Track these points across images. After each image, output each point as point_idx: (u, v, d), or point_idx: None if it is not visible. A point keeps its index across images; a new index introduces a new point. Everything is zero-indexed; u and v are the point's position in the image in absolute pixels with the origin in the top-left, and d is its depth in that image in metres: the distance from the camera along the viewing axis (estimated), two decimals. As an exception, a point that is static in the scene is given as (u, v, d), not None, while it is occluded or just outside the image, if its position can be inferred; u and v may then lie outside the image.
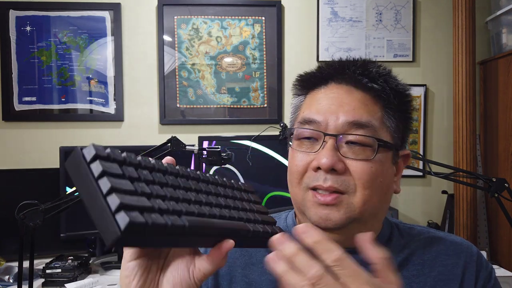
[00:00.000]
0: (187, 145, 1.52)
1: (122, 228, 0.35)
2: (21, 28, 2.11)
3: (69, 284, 1.49)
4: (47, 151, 2.08)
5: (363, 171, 0.62)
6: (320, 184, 0.61)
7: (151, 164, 0.46)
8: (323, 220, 0.62)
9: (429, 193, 2.25)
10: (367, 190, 0.62)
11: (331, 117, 0.63)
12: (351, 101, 0.64)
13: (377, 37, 2.22)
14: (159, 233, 0.39)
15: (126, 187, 0.39)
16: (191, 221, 0.42)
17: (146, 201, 0.40)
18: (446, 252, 0.69)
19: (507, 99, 1.97)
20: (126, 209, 0.37)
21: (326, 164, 0.60)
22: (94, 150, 0.39)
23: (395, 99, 0.65)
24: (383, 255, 0.46)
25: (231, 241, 0.46)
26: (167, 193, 0.44)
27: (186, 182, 0.48)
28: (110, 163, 0.40)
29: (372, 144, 0.62)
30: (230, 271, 0.69)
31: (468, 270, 0.68)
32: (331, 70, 0.67)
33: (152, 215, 0.39)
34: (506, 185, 1.43)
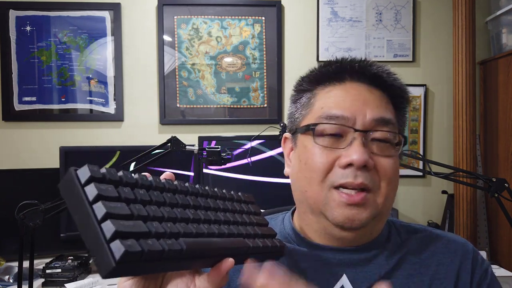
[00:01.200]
0: (187, 145, 1.52)
1: (117, 259, 0.34)
2: (21, 28, 2.11)
3: (69, 284, 1.49)
4: (47, 151, 2.08)
5: (388, 167, 0.62)
6: (350, 181, 0.60)
7: (148, 182, 0.44)
8: (349, 220, 0.61)
9: (429, 193, 2.25)
10: (389, 186, 0.63)
11: (358, 114, 0.62)
12: (373, 99, 0.64)
13: (377, 37, 2.22)
14: (156, 259, 0.37)
15: (121, 212, 0.37)
16: (188, 244, 0.40)
17: (142, 226, 0.38)
18: (442, 250, 0.69)
19: (507, 99, 1.97)
20: (122, 237, 0.35)
21: (359, 160, 0.59)
22: (89, 171, 0.38)
23: (403, 99, 0.68)
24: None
25: (231, 259, 0.45)
26: (164, 213, 0.42)
27: (184, 198, 0.47)
28: (105, 184, 0.39)
29: (392, 140, 0.64)
30: (230, 277, 0.68)
31: (464, 268, 0.68)
32: (347, 67, 0.67)
33: (148, 241, 0.37)
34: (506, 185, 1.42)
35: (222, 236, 0.46)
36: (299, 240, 0.70)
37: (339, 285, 0.65)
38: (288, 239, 0.71)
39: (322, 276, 0.65)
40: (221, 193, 0.54)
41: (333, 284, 0.65)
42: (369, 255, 0.66)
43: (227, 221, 0.50)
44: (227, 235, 0.47)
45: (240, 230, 0.50)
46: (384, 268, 0.66)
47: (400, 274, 0.66)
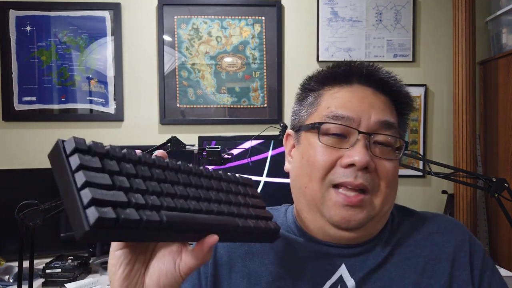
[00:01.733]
0: (187, 145, 1.52)
1: (91, 223, 0.35)
2: (21, 28, 2.11)
3: (69, 284, 1.49)
4: (47, 151, 2.05)
5: (389, 170, 0.64)
6: (350, 181, 0.61)
7: (136, 157, 0.45)
8: (345, 221, 0.62)
9: (429, 193, 2.25)
10: (388, 189, 0.64)
11: (363, 116, 0.64)
12: (379, 103, 0.66)
13: (377, 37, 2.22)
14: (133, 228, 0.39)
15: (102, 181, 0.39)
16: (170, 216, 0.42)
17: (122, 196, 0.39)
18: (438, 230, 0.70)
19: (507, 99, 1.97)
20: (98, 204, 0.37)
21: (362, 161, 0.61)
22: (74, 143, 0.40)
23: (407, 106, 0.70)
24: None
25: (215, 236, 0.46)
26: (149, 187, 0.43)
27: (174, 175, 0.48)
28: (90, 156, 0.40)
29: (394, 144, 0.65)
30: (230, 260, 0.69)
31: (461, 248, 0.68)
32: (355, 70, 0.68)
33: (126, 210, 0.38)
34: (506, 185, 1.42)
35: (210, 213, 0.47)
36: (300, 233, 0.71)
37: (338, 274, 0.66)
38: (289, 231, 0.72)
39: (321, 265, 0.66)
40: (216, 173, 0.55)
41: (332, 273, 0.66)
42: (367, 246, 0.68)
43: (218, 200, 0.51)
44: (216, 212, 0.48)
45: (231, 209, 0.51)
46: (381, 255, 0.67)
47: (395, 259, 0.67)
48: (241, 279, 0.67)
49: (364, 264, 0.66)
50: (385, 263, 0.66)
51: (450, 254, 0.67)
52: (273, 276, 0.66)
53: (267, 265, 0.67)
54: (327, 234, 0.66)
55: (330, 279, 0.65)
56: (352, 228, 0.63)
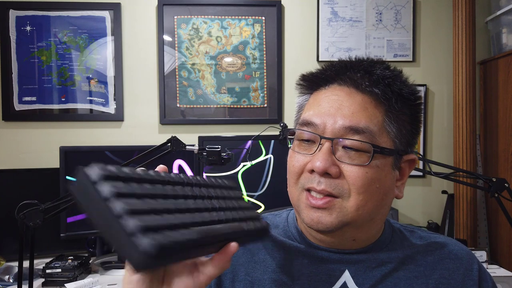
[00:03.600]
0: (187, 145, 1.52)
1: (153, 253, 0.35)
2: (21, 28, 2.10)
3: (69, 284, 1.49)
4: (47, 151, 2.08)
5: (357, 176, 0.61)
6: (314, 187, 0.62)
7: (150, 176, 0.44)
8: (315, 222, 0.62)
9: (429, 193, 2.25)
10: (361, 195, 0.61)
11: (328, 120, 0.63)
12: (350, 104, 0.63)
13: (377, 37, 2.22)
14: (179, 249, 0.39)
15: (137, 207, 0.38)
16: (199, 232, 0.42)
17: (159, 219, 0.39)
18: (449, 256, 0.69)
19: (507, 99, 1.97)
20: (146, 231, 0.36)
21: (319, 167, 0.61)
22: (99, 169, 0.38)
23: (398, 103, 0.63)
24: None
25: (234, 244, 0.48)
26: (172, 205, 0.43)
27: (183, 189, 0.48)
28: (115, 181, 0.39)
29: (368, 149, 0.61)
30: (233, 270, 0.68)
31: (470, 276, 0.68)
32: (333, 71, 0.67)
33: (168, 233, 0.38)
34: (506, 185, 1.43)
35: (222, 222, 0.49)
36: (301, 239, 0.70)
37: (342, 280, 0.65)
38: (291, 238, 0.72)
39: (324, 271, 0.66)
40: (209, 181, 0.56)
41: (336, 279, 0.65)
42: (371, 256, 0.67)
43: (222, 208, 0.52)
44: (225, 221, 0.49)
45: (233, 215, 0.52)
46: (388, 267, 0.66)
47: (404, 275, 0.66)
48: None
49: (369, 274, 0.65)
50: (393, 277, 0.66)
51: (459, 281, 0.67)
52: (276, 284, 0.66)
53: (270, 273, 0.67)
54: (312, 236, 0.68)
55: (335, 285, 0.65)
56: (323, 231, 0.63)
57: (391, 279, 0.65)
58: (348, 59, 0.69)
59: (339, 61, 0.69)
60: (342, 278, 0.65)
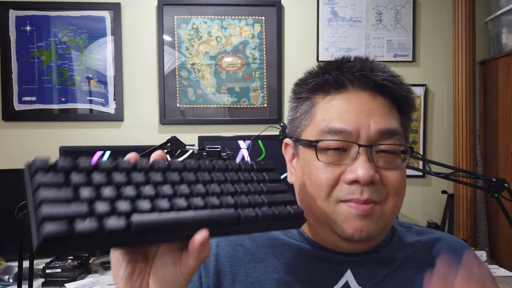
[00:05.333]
0: (187, 145, 1.52)
1: (41, 238, 0.36)
2: (21, 28, 2.10)
3: (69, 284, 1.49)
4: (47, 151, 2.08)
5: (396, 180, 0.61)
6: (357, 198, 0.59)
7: (110, 165, 0.45)
8: (359, 232, 0.60)
9: (429, 193, 2.25)
10: (397, 197, 0.62)
11: (362, 127, 0.60)
12: (378, 108, 0.61)
13: (377, 37, 2.22)
14: (97, 237, 0.39)
15: (61, 196, 0.39)
16: (139, 221, 0.41)
17: (81, 207, 0.39)
18: (447, 250, 0.70)
19: (507, 99, 1.97)
20: (51, 219, 0.37)
21: (366, 177, 0.58)
22: (36, 163, 0.42)
23: (408, 104, 0.65)
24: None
25: (203, 232, 0.44)
26: (124, 192, 0.43)
27: (157, 175, 0.47)
28: (54, 173, 0.42)
29: (399, 151, 0.62)
30: (233, 270, 0.67)
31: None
32: (349, 75, 0.63)
33: (85, 221, 0.38)
34: (506, 185, 1.43)
35: (199, 209, 0.46)
36: (302, 239, 0.70)
37: (344, 280, 0.65)
38: (291, 237, 0.71)
39: (326, 271, 0.65)
40: (220, 165, 0.53)
41: (338, 278, 0.65)
42: (372, 256, 0.67)
43: (217, 193, 0.49)
44: (211, 206, 0.46)
45: (229, 200, 0.49)
46: (389, 266, 0.66)
47: (404, 273, 0.66)
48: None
49: (371, 273, 0.65)
50: (395, 276, 0.65)
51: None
52: (278, 284, 0.65)
53: (271, 272, 0.66)
54: (336, 245, 0.65)
55: (337, 285, 0.64)
56: (364, 240, 0.61)
57: (392, 278, 0.65)
58: (350, 59, 0.66)
59: (350, 63, 0.65)
60: (344, 277, 0.65)
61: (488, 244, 2.12)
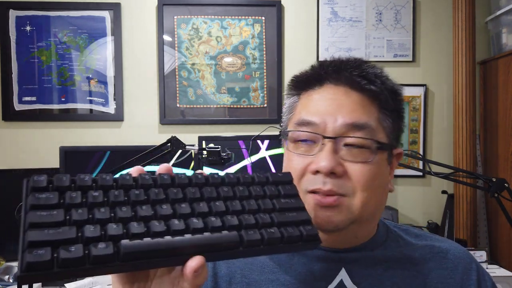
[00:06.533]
0: (187, 145, 1.52)
1: (23, 268, 0.35)
2: (21, 28, 2.10)
3: (69, 284, 1.49)
4: (47, 151, 2.08)
5: (362, 173, 0.61)
6: (320, 188, 0.60)
7: (107, 182, 0.43)
8: (325, 222, 0.61)
9: (429, 193, 2.25)
10: (365, 192, 0.61)
11: (329, 119, 0.62)
12: (349, 103, 0.63)
13: (377, 37, 2.22)
14: (78, 265, 0.37)
15: (50, 220, 0.38)
16: (128, 247, 0.39)
17: (68, 232, 0.38)
18: (447, 256, 0.69)
19: (507, 99, 1.97)
20: (37, 246, 0.36)
21: (325, 167, 0.59)
22: (32, 182, 0.40)
23: (391, 99, 0.65)
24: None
25: (197, 259, 0.42)
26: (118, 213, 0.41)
27: (158, 192, 0.44)
28: (48, 193, 0.40)
29: (370, 145, 0.62)
30: (229, 272, 0.68)
31: (469, 278, 0.68)
32: (326, 70, 0.66)
33: (71, 248, 0.37)
34: (506, 185, 1.43)
35: (196, 231, 0.43)
36: None
37: (339, 278, 0.65)
38: None
39: (321, 269, 0.66)
40: (231, 178, 0.49)
41: (333, 277, 0.65)
42: (367, 254, 0.67)
43: (220, 212, 0.45)
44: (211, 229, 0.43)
45: (233, 221, 0.45)
46: (384, 266, 0.66)
47: (401, 274, 0.66)
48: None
49: (366, 272, 0.65)
50: (391, 276, 0.65)
51: (458, 281, 0.67)
52: (274, 284, 0.65)
53: (267, 273, 0.66)
54: (325, 242, 0.65)
55: (331, 284, 0.65)
56: (332, 230, 0.62)
57: (388, 277, 0.65)
58: (334, 59, 0.68)
59: (328, 61, 0.68)
60: (339, 276, 0.65)
61: (488, 244, 2.12)
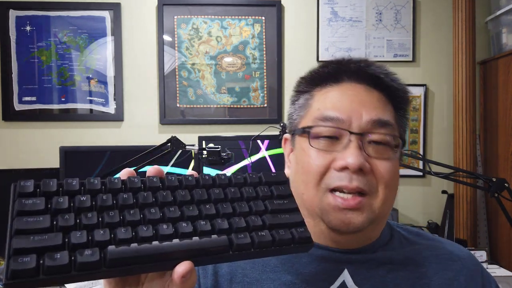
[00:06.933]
0: (187, 145, 1.52)
1: (8, 276, 0.35)
2: (21, 28, 2.11)
3: (69, 284, 1.49)
4: (47, 151, 2.08)
5: (386, 170, 0.61)
6: (346, 185, 0.59)
7: (95, 187, 0.43)
8: (345, 224, 0.60)
9: (429, 193, 2.25)
10: (387, 190, 0.62)
11: (354, 115, 0.61)
12: (371, 100, 0.63)
13: (377, 37, 2.22)
14: (64, 272, 0.37)
15: (36, 226, 0.38)
16: (114, 253, 0.38)
17: (53, 240, 0.38)
18: (451, 258, 0.69)
19: (507, 99, 1.97)
20: (22, 253, 0.36)
21: (355, 164, 0.58)
22: (18, 187, 0.40)
23: (403, 99, 0.67)
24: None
25: (185, 265, 0.41)
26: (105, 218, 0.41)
27: (147, 196, 0.44)
28: (35, 199, 0.40)
29: (391, 143, 0.62)
30: (231, 270, 0.67)
31: (473, 280, 0.67)
32: (346, 68, 0.66)
33: (56, 255, 0.37)
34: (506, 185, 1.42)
35: (185, 236, 0.42)
36: None
37: (341, 279, 0.64)
38: None
39: (324, 270, 0.65)
40: (221, 180, 0.48)
41: (335, 278, 0.65)
42: (370, 256, 0.66)
43: (210, 216, 0.44)
44: (200, 233, 0.43)
45: (223, 225, 0.44)
46: (387, 268, 0.66)
47: (405, 276, 0.66)
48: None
49: (368, 273, 0.65)
50: (394, 278, 0.65)
51: (462, 283, 0.66)
52: (275, 284, 0.65)
53: (268, 272, 0.66)
54: (328, 238, 0.66)
55: (333, 284, 0.64)
56: (351, 232, 0.61)
57: (391, 279, 0.65)
58: (349, 57, 0.69)
59: (348, 59, 0.68)
60: (341, 277, 0.64)
61: (488, 244, 2.12)
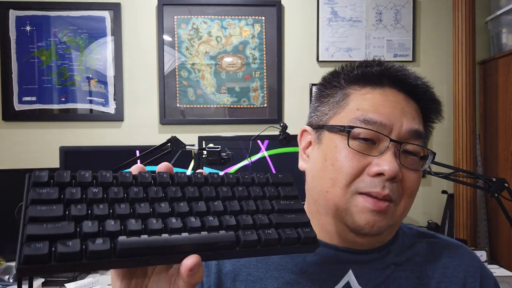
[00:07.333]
0: (187, 145, 1.52)
1: (21, 261, 0.36)
2: (21, 28, 2.10)
3: (69, 284, 1.49)
4: (47, 151, 2.08)
5: (413, 182, 0.62)
6: (378, 191, 0.59)
7: (107, 179, 0.44)
8: (370, 226, 0.60)
9: (429, 193, 2.25)
10: (410, 199, 0.63)
11: (396, 123, 0.61)
12: (410, 110, 0.63)
13: (377, 37, 2.22)
14: (76, 259, 0.38)
15: (49, 214, 0.39)
16: (125, 244, 0.39)
17: (66, 227, 0.38)
18: (450, 255, 0.69)
19: (507, 99, 1.97)
20: (35, 240, 0.37)
21: (391, 172, 0.58)
22: (34, 177, 0.41)
23: (438, 113, 0.68)
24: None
25: (192, 258, 0.41)
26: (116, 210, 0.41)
27: (157, 191, 0.45)
28: (49, 188, 0.41)
29: (419, 154, 0.63)
30: (234, 269, 0.67)
31: (472, 276, 0.68)
32: (389, 73, 0.65)
33: (68, 242, 0.38)
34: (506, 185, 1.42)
35: (193, 230, 0.43)
36: None
37: (346, 279, 0.64)
38: None
39: (328, 269, 0.65)
40: (229, 178, 0.49)
41: (340, 278, 0.65)
42: (374, 255, 0.67)
43: (218, 212, 0.46)
44: (192, 229, 0.43)
45: (231, 221, 0.45)
46: (390, 268, 0.66)
47: (406, 276, 0.66)
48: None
49: (373, 274, 0.65)
50: (396, 279, 0.65)
51: (461, 278, 0.67)
52: (279, 282, 0.65)
53: (272, 271, 0.66)
54: (342, 238, 0.65)
55: (338, 284, 0.64)
56: (372, 234, 0.61)
57: (394, 280, 0.65)
58: (389, 61, 0.68)
59: (390, 65, 0.66)
60: (346, 277, 0.64)
61: (488, 244, 2.12)
